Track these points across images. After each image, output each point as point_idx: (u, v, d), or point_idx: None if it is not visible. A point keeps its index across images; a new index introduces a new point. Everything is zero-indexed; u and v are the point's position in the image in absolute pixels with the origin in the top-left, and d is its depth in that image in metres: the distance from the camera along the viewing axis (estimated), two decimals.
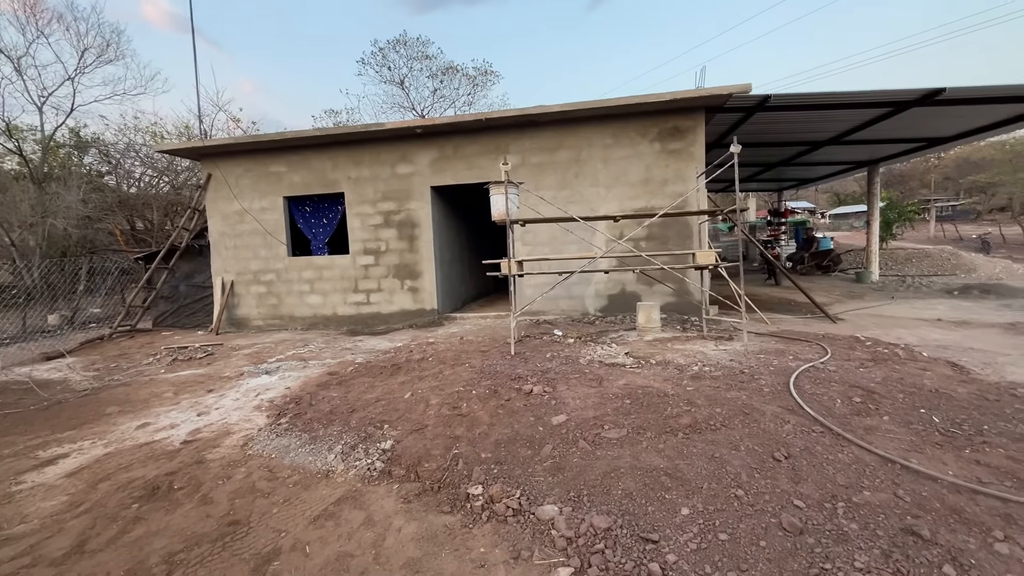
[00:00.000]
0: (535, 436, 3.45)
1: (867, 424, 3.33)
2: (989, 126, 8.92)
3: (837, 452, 2.92)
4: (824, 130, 9.35)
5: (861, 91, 7.05)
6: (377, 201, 8.93)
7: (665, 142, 7.97)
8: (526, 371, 4.82)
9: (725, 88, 7.12)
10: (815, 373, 4.36)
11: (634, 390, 4.10)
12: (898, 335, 6.46)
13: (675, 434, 3.29)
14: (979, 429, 3.25)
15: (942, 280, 11.20)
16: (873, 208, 12.55)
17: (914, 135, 10.02)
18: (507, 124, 8.31)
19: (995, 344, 5.81)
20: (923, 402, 3.70)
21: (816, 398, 3.75)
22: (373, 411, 4.23)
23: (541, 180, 8.38)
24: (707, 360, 5.02)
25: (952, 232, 32.21)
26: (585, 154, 8.24)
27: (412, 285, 8.94)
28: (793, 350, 5.37)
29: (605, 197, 8.20)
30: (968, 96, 7.01)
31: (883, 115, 8.16)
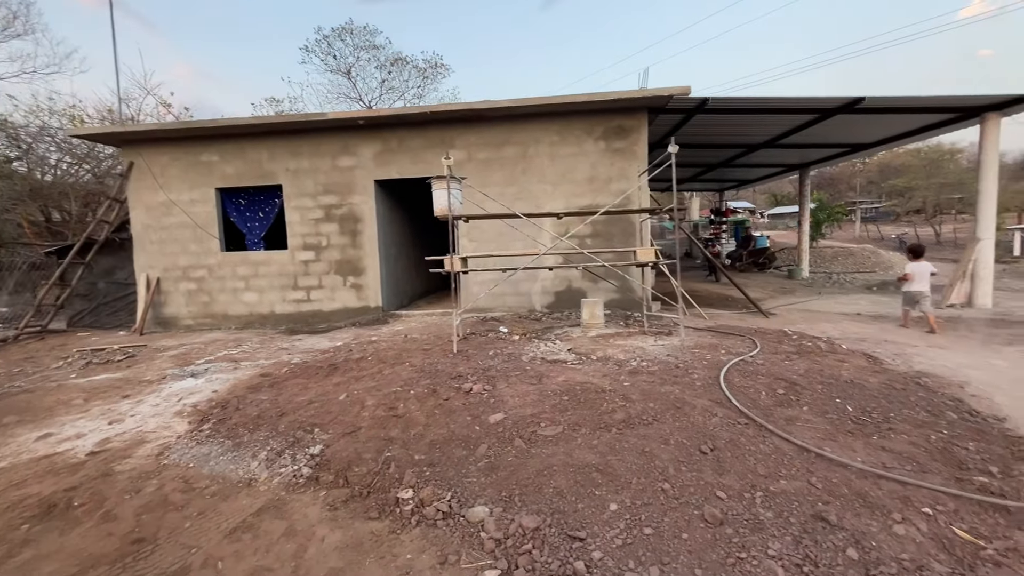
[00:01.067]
0: (471, 436, 3.40)
1: (788, 415, 3.49)
2: (905, 134, 9.63)
3: (759, 443, 3.04)
4: (759, 134, 9.80)
5: (790, 97, 7.42)
6: (318, 194, 8.58)
7: (610, 141, 8.09)
8: (467, 369, 4.76)
9: (666, 90, 7.30)
10: (744, 367, 4.54)
11: (573, 387, 4.12)
12: (822, 328, 6.85)
13: (609, 430, 3.32)
14: (886, 416, 3.48)
15: (863, 277, 12.03)
16: (804, 209, 13.31)
17: (840, 141, 10.69)
18: (453, 118, 8.18)
19: (906, 336, 6.28)
20: (839, 392, 3.93)
21: (744, 391, 3.90)
22: (305, 414, 4.04)
23: (488, 176, 8.31)
24: (646, 355, 5.14)
25: (875, 232, 34.73)
26: (532, 151, 8.24)
27: (355, 282, 8.66)
28: (726, 344, 5.58)
29: (552, 194, 8.24)
30: (885, 105, 7.53)
31: (811, 121, 8.63)
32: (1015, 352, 5.32)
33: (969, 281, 7.82)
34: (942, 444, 3.10)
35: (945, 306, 7.87)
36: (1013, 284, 10.24)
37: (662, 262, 6.03)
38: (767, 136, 10.04)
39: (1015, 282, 10.46)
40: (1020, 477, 2.78)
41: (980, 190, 7.80)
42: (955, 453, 2.99)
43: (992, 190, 7.70)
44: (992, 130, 7.56)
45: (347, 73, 20.28)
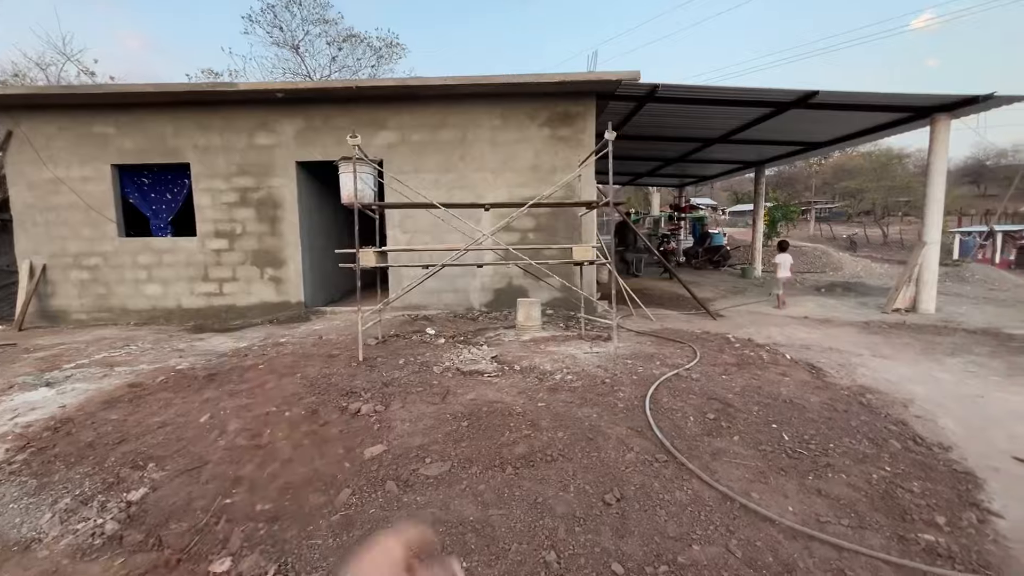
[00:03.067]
0: (337, 476, 2.76)
1: (716, 447, 3.00)
2: (857, 133, 9.45)
3: (675, 489, 2.52)
4: (715, 127, 9.43)
5: (744, 88, 7.01)
6: (231, 175, 7.66)
7: (555, 127, 7.51)
8: (366, 383, 4.10)
9: (614, 74, 6.76)
10: (677, 382, 4.06)
11: (479, 408, 3.53)
12: (769, 333, 6.52)
13: (504, 468, 2.75)
14: (825, 448, 3.04)
15: (813, 277, 11.96)
16: (759, 207, 13.16)
17: (795, 139, 10.46)
18: (385, 95, 7.41)
19: (851, 343, 5.99)
20: (776, 415, 3.49)
21: (671, 415, 3.40)
22: (149, 441, 3.30)
23: (423, 161, 7.60)
24: (574, 366, 4.60)
25: (828, 232, 35.69)
26: (471, 135, 7.56)
27: (274, 274, 7.81)
28: (664, 353, 5.12)
29: (493, 183, 7.60)
30: (838, 101, 7.22)
31: (766, 115, 8.29)
32: (958, 364, 5.06)
33: (914, 286, 7.68)
34: (884, 486, 2.67)
35: (891, 311, 7.71)
36: (954, 288, 10.30)
37: (600, 261, 5.50)
38: (723, 130, 9.68)
39: (956, 286, 10.55)
40: (968, 530, 2.37)
41: (927, 194, 7.64)
42: (898, 498, 2.56)
43: (939, 194, 7.55)
44: (942, 132, 7.38)
45: (294, 48, 18.93)
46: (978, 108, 7.12)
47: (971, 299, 9.01)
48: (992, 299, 8.89)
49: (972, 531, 2.36)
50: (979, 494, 2.69)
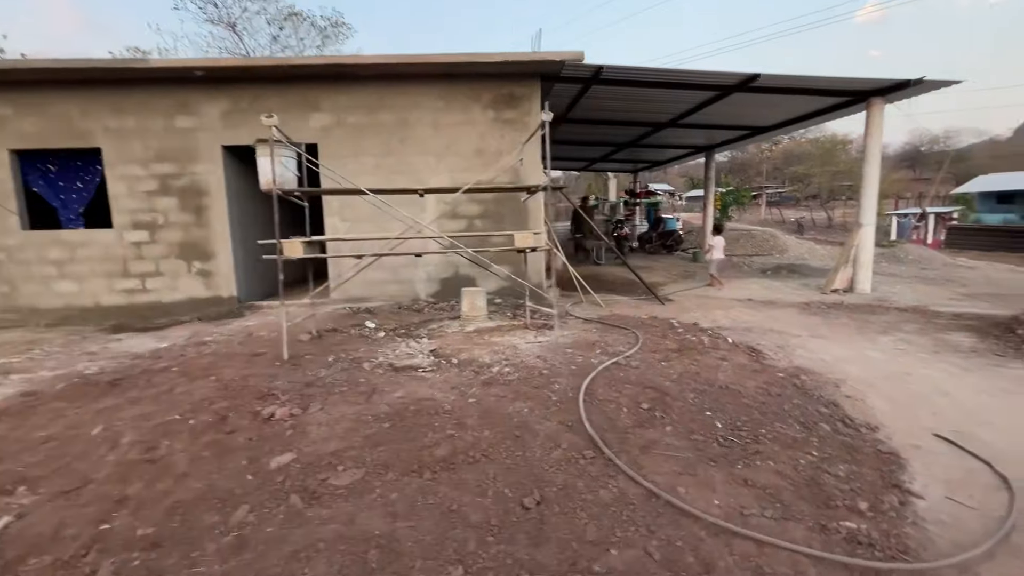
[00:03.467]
0: (235, 491, 2.49)
1: (648, 438, 2.90)
2: (801, 117, 9.63)
3: (600, 488, 2.40)
4: (663, 111, 9.39)
5: (688, 71, 6.96)
6: (150, 161, 7.04)
7: (499, 110, 7.25)
8: (287, 384, 3.81)
9: (557, 54, 6.55)
10: (615, 371, 3.96)
11: (406, 406, 3.31)
12: (714, 317, 6.57)
13: (422, 473, 2.55)
14: (756, 435, 2.99)
15: (760, 260, 12.26)
16: (709, 192, 13.35)
17: (741, 123, 10.58)
18: (318, 74, 6.95)
19: (791, 324, 6.09)
20: (712, 402, 3.43)
21: (604, 406, 3.29)
22: (26, 460, 2.92)
23: (361, 145, 7.21)
24: (514, 357, 4.44)
25: (778, 215, 36.98)
26: (412, 117, 7.22)
27: (203, 268, 7.28)
28: (607, 340, 5.03)
29: (436, 168, 7.30)
30: (779, 84, 7.27)
31: (712, 99, 8.29)
32: (889, 342, 5.20)
33: (852, 267, 7.91)
34: (811, 471, 2.63)
35: (830, 291, 7.93)
36: (889, 268, 10.76)
37: (544, 247, 5.34)
38: (671, 114, 9.67)
39: (891, 266, 11.03)
40: (890, 513, 2.35)
41: (864, 176, 7.85)
42: (823, 484, 2.52)
43: (875, 177, 7.77)
44: (876, 116, 7.57)
45: (231, 26, 17.74)
46: (910, 92, 7.32)
47: (904, 278, 9.41)
48: (923, 278, 9.32)
49: (893, 514, 2.35)
50: (902, 474, 2.70)
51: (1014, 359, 4.55)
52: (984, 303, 6.97)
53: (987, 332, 5.30)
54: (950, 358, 4.63)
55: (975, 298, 7.35)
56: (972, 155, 47.81)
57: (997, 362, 4.49)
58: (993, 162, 43.32)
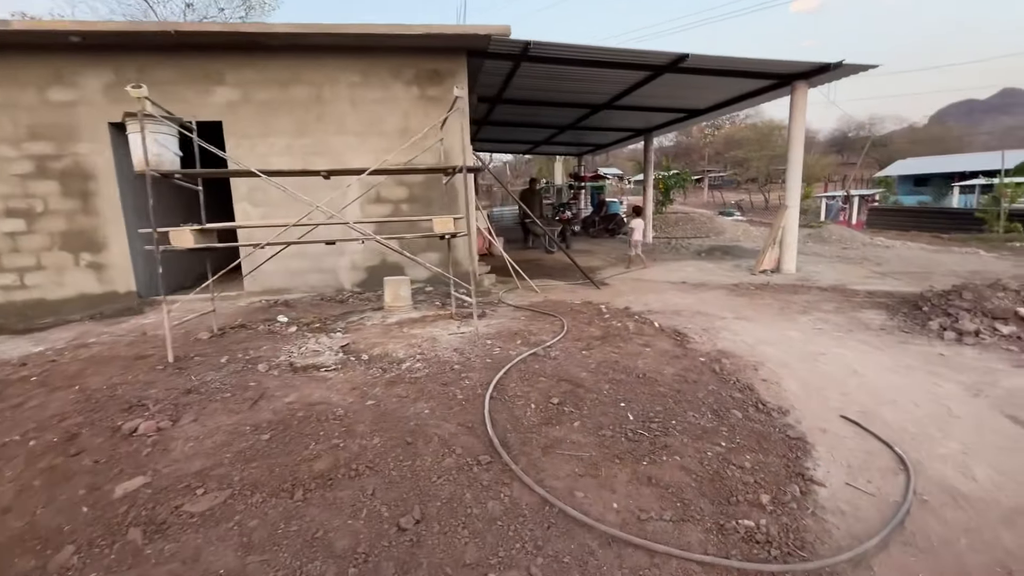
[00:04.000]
0: (64, 528, 2.10)
1: (553, 436, 2.71)
2: (733, 100, 9.72)
3: (490, 499, 2.18)
4: (599, 92, 9.22)
5: (618, 49, 6.78)
6: (21, 140, 6.16)
7: (424, 87, 6.83)
8: (164, 391, 3.37)
9: (483, 28, 6.19)
10: (532, 363, 3.76)
11: (293, 413, 2.97)
12: (646, 300, 6.53)
13: (294, 492, 2.24)
14: (667, 426, 2.87)
15: (697, 242, 12.49)
16: (648, 175, 13.43)
17: (677, 105, 10.60)
18: (219, 43, 6.26)
19: (719, 306, 6.13)
20: (627, 392, 3.29)
21: (512, 403, 3.08)
22: None
23: (272, 123, 6.61)
24: (430, 350, 4.16)
25: (720, 198, 38.27)
26: (329, 93, 6.68)
27: (94, 260, 6.51)
28: (532, 328, 4.84)
29: (357, 149, 6.81)
30: (708, 66, 7.24)
31: (645, 79, 8.18)
32: (808, 322, 5.29)
33: (779, 248, 8.11)
34: (716, 464, 2.52)
35: (758, 272, 8.10)
36: (815, 248, 11.21)
37: (464, 233, 5.05)
38: (608, 95, 9.52)
39: (817, 246, 11.50)
40: (791, 504, 2.26)
41: (789, 159, 8.01)
42: (727, 478, 2.41)
43: (799, 159, 7.94)
44: (800, 99, 7.71)
45: None
46: (831, 76, 7.48)
47: (827, 258, 9.80)
48: (844, 257, 9.74)
49: (794, 506, 2.26)
50: (806, 461, 2.64)
51: (919, 335, 4.71)
52: (895, 281, 7.31)
53: (896, 309, 5.50)
54: (862, 336, 4.75)
55: (888, 276, 7.70)
56: (893, 141, 51.25)
57: (903, 339, 4.64)
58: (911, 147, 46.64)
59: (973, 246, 11.33)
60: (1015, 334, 4.38)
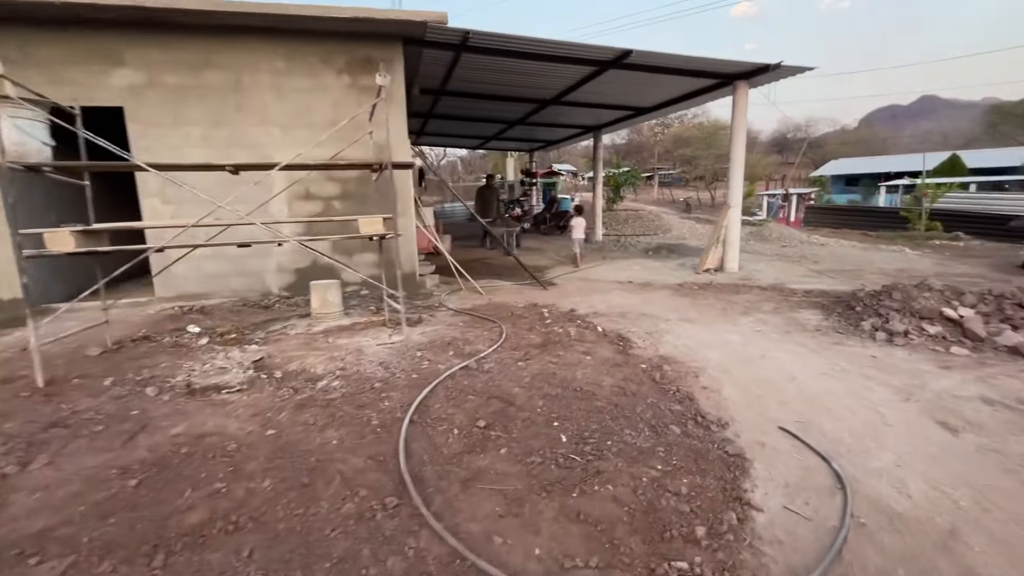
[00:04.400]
0: None
1: (475, 467, 2.43)
2: (678, 98, 9.75)
3: (393, 553, 1.87)
4: (545, 87, 9.00)
5: (560, 42, 6.55)
6: None
7: (356, 76, 6.37)
8: (20, 426, 2.84)
9: (418, 14, 5.81)
10: (462, 378, 3.47)
11: (177, 449, 2.55)
12: (592, 302, 6.38)
13: (153, 558, 1.85)
14: (601, 449, 2.65)
15: (646, 240, 12.57)
16: (597, 172, 13.39)
17: (624, 102, 10.56)
18: (118, 20, 5.57)
19: (664, 307, 6.05)
20: (562, 409, 3.06)
21: (434, 428, 2.78)
22: None
23: (184, 111, 5.98)
24: (353, 365, 3.79)
25: (669, 196, 39.23)
26: (249, 80, 6.10)
27: None
28: (469, 336, 4.55)
29: (282, 141, 6.28)
30: (651, 63, 7.15)
31: (590, 75, 8.03)
32: (748, 323, 5.28)
33: (722, 247, 8.18)
34: (651, 492, 2.32)
35: (702, 271, 8.14)
36: (757, 246, 11.50)
37: (393, 234, 4.69)
38: (555, 90, 9.32)
39: (758, 244, 11.81)
40: (727, 536, 2.08)
41: (731, 158, 8.08)
42: (662, 509, 2.21)
43: (741, 158, 8.02)
44: (741, 99, 7.77)
45: None
46: (770, 77, 7.57)
47: (767, 256, 10.04)
48: (783, 255, 10.02)
49: (731, 537, 2.08)
50: (744, 481, 2.49)
51: (853, 335, 4.76)
52: (830, 279, 7.51)
53: (831, 309, 5.58)
54: (799, 338, 4.75)
55: (824, 274, 7.93)
56: (827, 142, 54.34)
57: (838, 340, 4.67)
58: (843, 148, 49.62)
59: (899, 244, 11.97)
60: (940, 334, 4.49)
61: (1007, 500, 2.32)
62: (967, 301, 4.74)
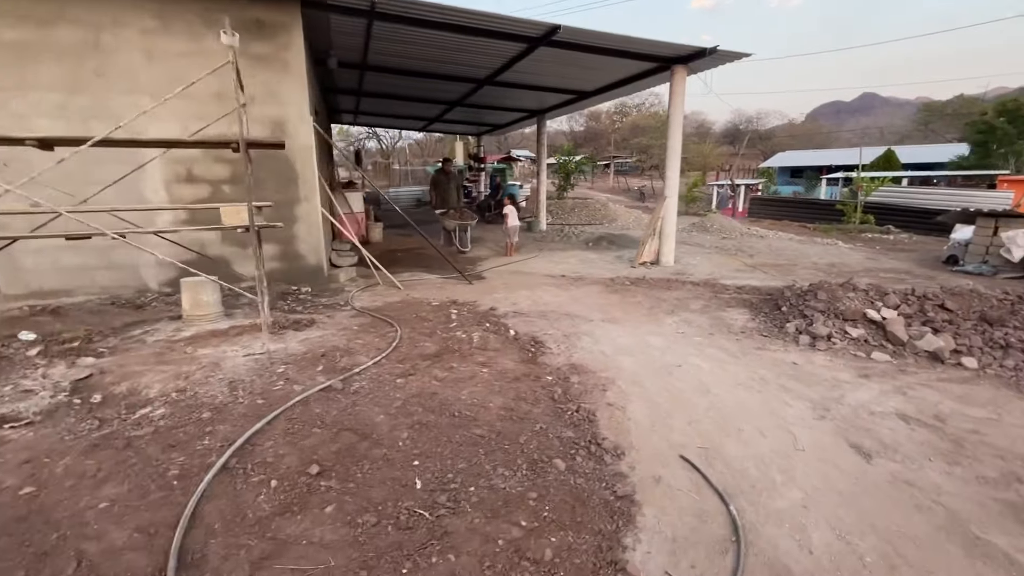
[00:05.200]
0: None
1: (284, 536, 1.89)
2: (618, 83, 9.32)
3: None
4: (474, 64, 8.35)
5: (480, 13, 5.94)
6: None
7: (245, 42, 5.53)
8: None
9: None
10: (316, 404, 2.90)
11: None
12: (515, 299, 5.92)
13: None
14: (460, 497, 2.17)
15: (590, 230, 12.23)
16: (541, 158, 12.89)
17: (564, 85, 10.06)
18: None
19: (590, 305, 5.65)
20: (429, 443, 2.56)
21: (248, 477, 2.21)
22: None
23: (30, 73, 5.03)
24: (201, 383, 3.15)
25: (625, 184, 39.35)
26: (112, 40, 5.20)
27: None
28: (356, 344, 3.97)
29: (156, 114, 5.38)
30: (582, 41, 6.64)
31: (521, 53, 7.45)
32: (672, 324, 4.94)
33: (658, 239, 7.88)
34: (505, 562, 1.85)
35: (638, 264, 7.82)
36: (698, 238, 11.35)
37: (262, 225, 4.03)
38: (487, 68, 8.68)
39: (700, 235, 11.67)
40: None
41: (668, 146, 7.76)
42: None
43: (678, 147, 7.71)
44: (679, 84, 7.42)
45: None
46: (708, 62, 7.24)
47: (705, 249, 9.86)
48: (721, 248, 9.86)
49: None
50: (627, 535, 2.06)
51: (776, 338, 4.49)
52: (763, 274, 7.34)
53: (759, 309, 5.33)
54: (722, 341, 4.43)
55: (758, 269, 7.76)
56: (775, 134, 56.02)
57: (761, 343, 4.38)
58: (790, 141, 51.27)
59: (834, 236, 12.13)
60: (863, 337, 4.27)
61: (917, 551, 1.99)
62: (890, 302, 4.55)
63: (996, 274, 7.19)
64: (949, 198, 14.76)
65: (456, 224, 9.53)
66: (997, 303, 4.44)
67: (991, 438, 2.81)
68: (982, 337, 4.06)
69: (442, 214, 10.20)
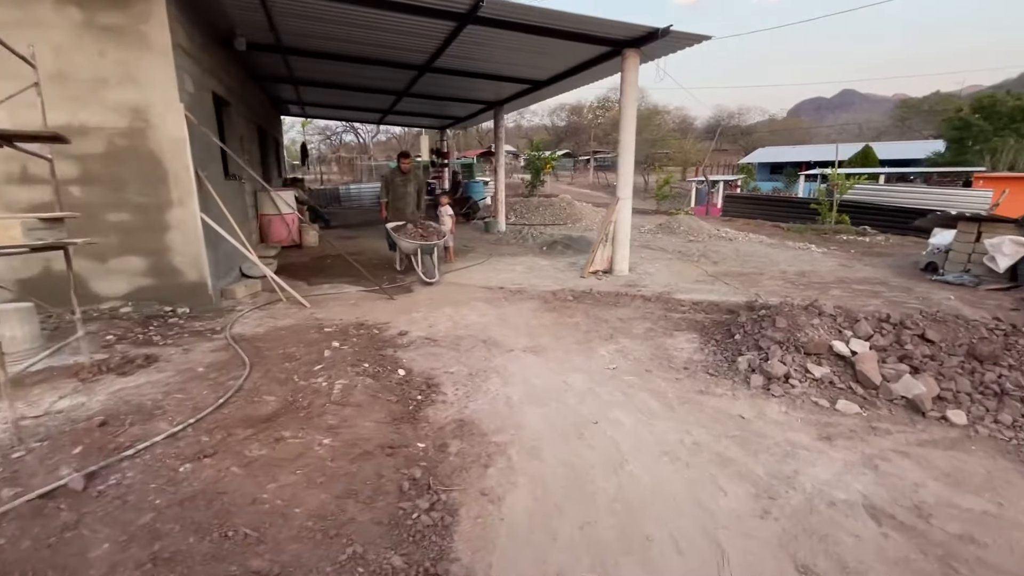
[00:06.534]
0: None
1: None
2: (571, 70, 8.41)
3: None
4: (402, 46, 7.35)
5: None
6: None
7: (92, 11, 4.55)
8: None
9: None
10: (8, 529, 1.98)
11: None
12: (435, 319, 5.08)
13: None
14: None
15: (549, 232, 11.36)
16: (499, 153, 11.98)
17: (517, 74, 9.17)
18: None
19: (518, 327, 4.81)
20: None
21: None
22: None
23: None
24: None
25: (604, 180, 38.62)
26: None
27: None
28: (172, 401, 3.04)
29: None
30: (512, 18, 5.69)
31: (452, 32, 6.51)
32: (606, 356, 4.10)
33: (611, 246, 7.04)
34: None
35: (588, 274, 6.98)
36: (663, 241, 10.50)
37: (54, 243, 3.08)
38: (421, 52, 7.68)
39: (665, 238, 10.84)
40: None
41: (620, 141, 6.92)
42: None
43: (630, 142, 6.88)
44: (631, 71, 6.57)
45: None
46: (662, 45, 6.40)
47: (668, 253, 9.04)
48: (684, 252, 9.05)
49: None
50: None
51: (724, 377, 3.67)
52: (725, 285, 6.54)
53: (710, 334, 4.52)
54: (658, 383, 3.60)
55: (719, 279, 6.96)
56: (757, 130, 55.75)
57: (705, 385, 3.56)
58: (771, 137, 51.02)
59: (807, 238, 11.43)
60: (828, 378, 3.47)
61: None
62: (861, 331, 3.77)
63: (979, 285, 6.50)
64: (927, 196, 14.20)
65: (417, 245, 6.61)
66: (987, 333, 3.68)
67: (992, 554, 2.01)
68: (971, 380, 3.29)
69: (396, 229, 7.06)
